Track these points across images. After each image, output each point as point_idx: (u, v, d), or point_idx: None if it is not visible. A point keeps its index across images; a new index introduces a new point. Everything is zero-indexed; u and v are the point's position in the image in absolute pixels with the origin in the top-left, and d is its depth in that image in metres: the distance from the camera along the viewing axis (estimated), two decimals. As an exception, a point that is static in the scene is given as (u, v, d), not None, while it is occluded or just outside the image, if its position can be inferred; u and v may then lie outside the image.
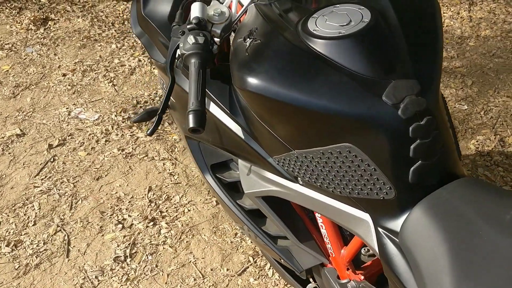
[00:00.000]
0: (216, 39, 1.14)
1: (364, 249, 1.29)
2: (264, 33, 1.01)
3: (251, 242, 1.98)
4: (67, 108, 2.72)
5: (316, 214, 1.22)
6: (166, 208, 2.14)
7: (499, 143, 2.45)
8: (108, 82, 2.93)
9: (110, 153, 2.42)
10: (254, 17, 1.12)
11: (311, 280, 1.52)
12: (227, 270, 1.89)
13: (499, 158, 2.36)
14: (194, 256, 1.95)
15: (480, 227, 0.82)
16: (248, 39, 1.03)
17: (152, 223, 2.06)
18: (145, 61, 3.11)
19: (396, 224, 0.93)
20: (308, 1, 1.11)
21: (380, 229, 0.95)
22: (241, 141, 1.16)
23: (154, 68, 3.03)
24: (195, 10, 1.13)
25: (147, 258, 1.93)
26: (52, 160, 2.38)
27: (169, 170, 2.33)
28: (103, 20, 3.57)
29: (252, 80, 0.92)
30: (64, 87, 2.89)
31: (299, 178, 1.06)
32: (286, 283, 1.82)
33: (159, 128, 2.56)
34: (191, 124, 0.96)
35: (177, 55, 1.14)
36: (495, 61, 3.06)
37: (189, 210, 2.13)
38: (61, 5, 3.73)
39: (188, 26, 1.10)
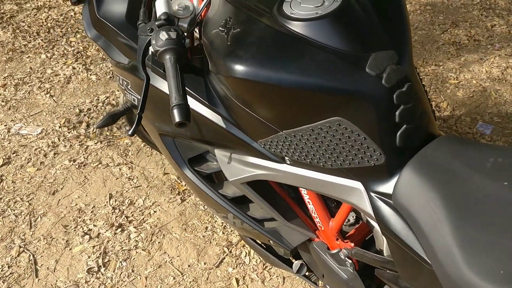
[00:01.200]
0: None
1: (345, 220, 1.36)
2: (242, 21, 1.04)
3: (223, 234, 2.00)
4: (5, 125, 2.58)
5: (302, 191, 1.27)
6: (131, 212, 2.11)
7: (435, 109, 2.63)
8: (45, 94, 2.81)
9: (62, 165, 2.34)
10: (222, 7, 1.14)
11: (293, 260, 1.57)
12: (205, 263, 1.91)
13: (438, 123, 2.54)
14: (168, 255, 1.94)
15: (466, 176, 0.90)
16: (225, 29, 1.05)
17: (120, 229, 2.03)
18: (79, 68, 3.01)
19: (388, 186, 1.00)
20: None
21: (373, 194, 1.02)
22: (222, 130, 1.19)
23: (91, 74, 2.95)
24: (161, 6, 1.14)
25: (122, 264, 1.90)
26: (-1, 180, 2.26)
27: (127, 174, 2.29)
28: (26, 31, 3.41)
29: (241, 67, 0.95)
30: (-2, 104, 2.74)
31: (286, 158, 1.11)
32: (265, 266, 1.87)
33: (109, 134, 2.50)
34: (177, 119, 0.97)
35: (149, 53, 1.13)
36: (419, 33, 3.26)
37: (155, 212, 2.11)
38: (-23, 19, 3.51)
39: (156, 23, 1.10)
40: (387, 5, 1.03)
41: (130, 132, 1.13)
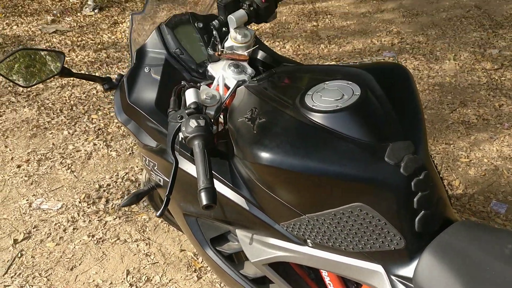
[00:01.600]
0: None
1: None
2: (266, 112, 1.12)
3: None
4: (27, 200, 2.65)
5: (323, 273, 1.29)
6: (148, 289, 2.12)
7: (448, 187, 2.66)
8: (66, 169, 2.90)
9: (80, 240, 2.37)
10: (247, 98, 1.23)
11: None
12: None
13: (451, 201, 2.56)
14: (185, 335, 1.93)
15: (485, 262, 0.93)
16: (251, 118, 1.13)
17: (136, 307, 2.03)
18: (100, 144, 3.12)
19: (409, 270, 1.03)
20: (297, 80, 1.24)
21: (393, 278, 1.04)
22: (245, 211, 1.24)
23: (111, 151, 3.05)
24: (191, 96, 1.23)
25: None
26: (19, 255, 2.29)
27: (144, 250, 2.31)
28: (50, 108, 3.57)
29: (267, 155, 1.02)
30: (21, 178, 2.83)
31: (308, 241, 1.15)
32: None
33: (127, 209, 2.56)
34: (204, 202, 1.02)
35: (180, 138, 1.21)
36: (428, 112, 3.36)
37: (171, 289, 2.12)
38: (5, 96, 3.69)
39: (186, 111, 1.18)
40: (402, 97, 1.11)
41: (158, 214, 1.17)
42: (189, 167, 1.31)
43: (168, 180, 1.42)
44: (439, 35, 4.56)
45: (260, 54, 1.49)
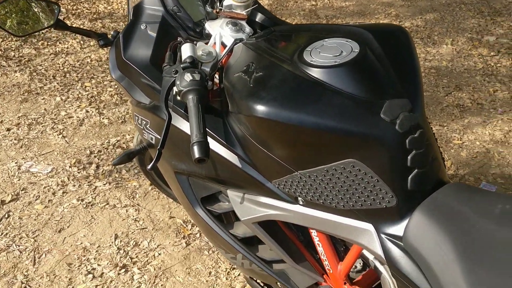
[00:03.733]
0: None
1: (354, 265, 1.38)
2: (264, 66, 1.10)
3: (226, 279, 2.00)
4: (16, 163, 2.63)
5: (312, 233, 1.29)
6: (136, 253, 2.11)
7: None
8: (58, 134, 2.88)
9: (69, 204, 2.36)
10: (245, 54, 1.21)
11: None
12: (207, 309, 1.90)
13: (445, 163, 2.57)
14: (171, 298, 1.93)
15: (475, 221, 0.94)
16: (248, 73, 1.11)
17: (123, 270, 2.03)
18: (93, 112, 3.10)
19: (399, 229, 1.03)
20: (296, 37, 1.23)
21: (383, 236, 1.04)
22: (238, 169, 1.23)
23: (103, 118, 3.02)
24: (187, 51, 1.21)
25: (123, 305, 1.89)
26: (6, 216, 2.28)
27: (133, 216, 2.31)
28: (42, 74, 3.52)
29: (263, 107, 1.00)
30: (10, 141, 2.80)
31: (300, 198, 1.14)
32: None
33: (118, 176, 2.54)
34: (197, 155, 1.01)
35: (174, 93, 1.19)
36: (424, 95, 3.35)
37: (159, 254, 2.12)
38: (-4, 60, 3.65)
39: (182, 65, 1.17)
40: (401, 57, 1.10)
41: (149, 167, 1.16)
42: (182, 124, 1.29)
43: (160, 137, 1.41)
44: (437, 20, 4.55)
45: (259, 16, 1.47)
